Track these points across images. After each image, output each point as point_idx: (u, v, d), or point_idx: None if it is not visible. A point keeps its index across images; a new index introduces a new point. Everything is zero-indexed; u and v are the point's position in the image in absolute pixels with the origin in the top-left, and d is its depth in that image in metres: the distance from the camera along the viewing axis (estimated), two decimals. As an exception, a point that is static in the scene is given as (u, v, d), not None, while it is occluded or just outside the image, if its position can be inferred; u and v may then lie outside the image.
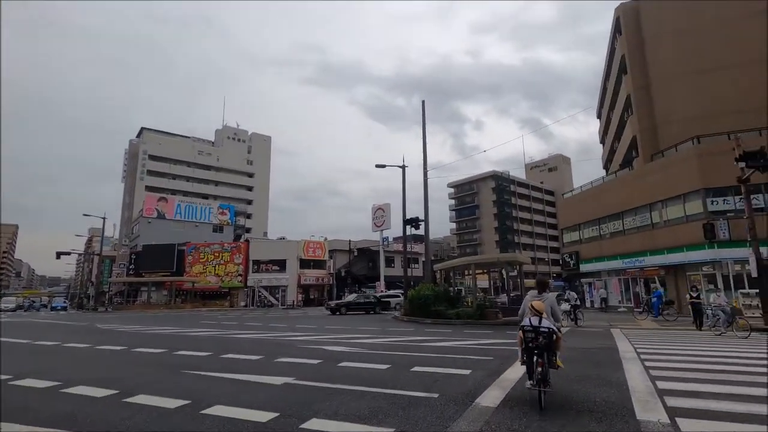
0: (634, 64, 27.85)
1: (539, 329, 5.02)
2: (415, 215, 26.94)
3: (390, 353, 9.16)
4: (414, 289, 23.01)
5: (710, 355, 8.50)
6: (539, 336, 5.01)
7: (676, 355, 8.52)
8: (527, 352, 5.10)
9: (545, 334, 5.01)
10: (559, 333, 5.25)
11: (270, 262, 47.36)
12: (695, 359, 8.02)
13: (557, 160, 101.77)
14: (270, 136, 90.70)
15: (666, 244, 24.17)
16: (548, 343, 5.01)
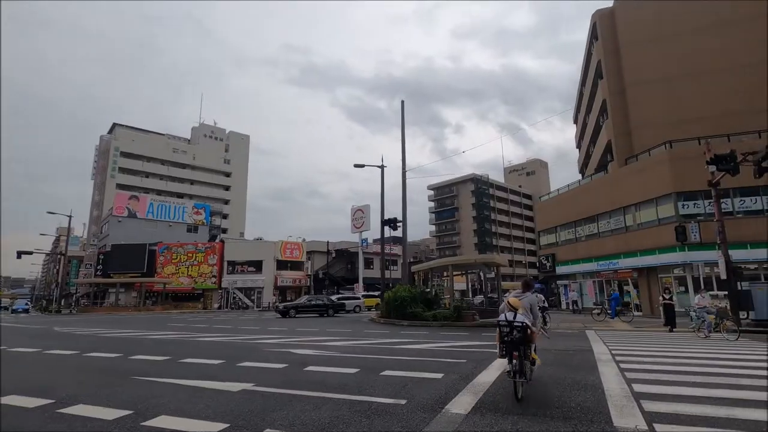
0: (609, 69, 28.33)
1: (513, 324, 5.28)
2: (394, 216, 26.65)
3: (361, 356, 8.77)
4: (390, 290, 22.69)
5: (685, 357, 8.42)
6: (513, 330, 5.26)
7: (651, 357, 8.41)
8: (505, 346, 5.34)
9: (519, 329, 5.25)
10: (533, 328, 5.50)
11: (246, 263, 46.30)
12: (670, 361, 7.92)
13: (535, 165, 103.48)
14: (248, 134, 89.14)
15: (639, 246, 24.56)
16: (522, 337, 5.25)
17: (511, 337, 5.26)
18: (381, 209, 26.91)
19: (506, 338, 5.30)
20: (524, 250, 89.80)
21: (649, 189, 24.12)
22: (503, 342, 5.35)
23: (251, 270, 46.01)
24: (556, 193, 35.52)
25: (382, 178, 27.21)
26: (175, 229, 55.62)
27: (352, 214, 52.58)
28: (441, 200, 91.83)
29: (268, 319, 25.40)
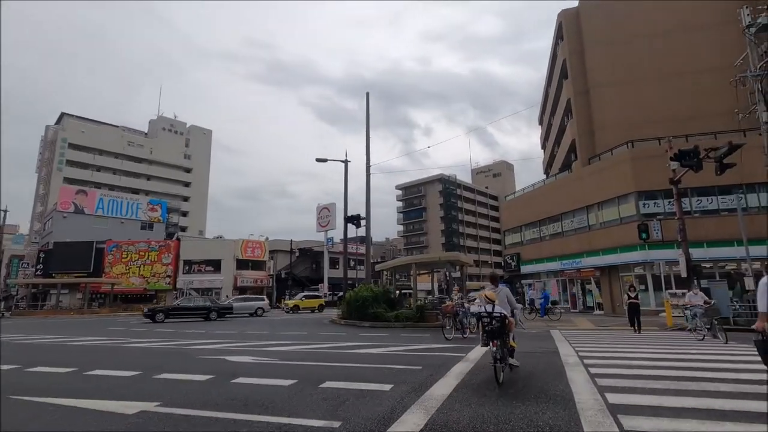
0: (574, 69, 28.46)
1: (492, 314, 5.84)
2: (361, 214, 25.64)
3: (304, 364, 7.72)
4: (352, 290, 21.68)
5: (656, 359, 7.86)
6: (493, 320, 5.82)
7: (620, 360, 7.80)
8: (486, 335, 5.90)
9: (498, 319, 5.82)
10: (510, 317, 6.12)
11: (203, 262, 43.99)
12: (641, 364, 7.31)
13: (501, 167, 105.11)
14: (211, 129, 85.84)
15: (601, 245, 24.67)
16: (501, 326, 5.82)
17: (491, 327, 5.83)
18: (344, 206, 25.89)
19: (487, 328, 5.88)
20: (490, 250, 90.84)
21: (611, 188, 24.26)
22: (485, 332, 5.93)
23: (209, 270, 43.75)
24: (521, 193, 35.58)
25: (346, 174, 26.23)
26: (128, 227, 52.30)
27: (318, 212, 51.16)
28: (409, 200, 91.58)
29: (221, 321, 23.80)
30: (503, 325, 5.84)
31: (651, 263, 22.05)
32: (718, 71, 23.62)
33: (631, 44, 26.86)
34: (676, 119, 24.38)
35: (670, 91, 25.19)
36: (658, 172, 22.22)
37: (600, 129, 26.97)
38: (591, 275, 26.07)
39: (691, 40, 25.53)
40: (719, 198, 21.94)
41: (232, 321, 23.43)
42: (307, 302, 34.79)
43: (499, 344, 5.76)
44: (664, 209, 22.06)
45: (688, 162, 12.98)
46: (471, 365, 7.26)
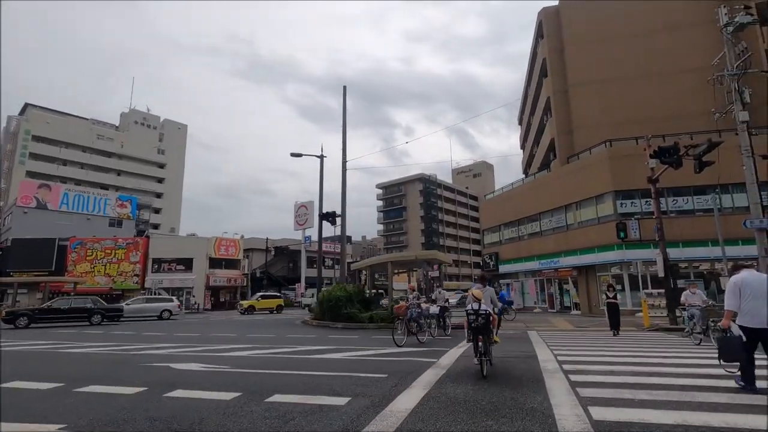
0: (554, 67, 28.32)
1: (479, 312, 6.32)
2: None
3: (258, 372, 6.91)
4: (325, 289, 20.89)
5: (638, 363, 7.36)
6: (479, 317, 6.31)
7: (602, 365, 7.27)
8: (472, 331, 6.36)
9: (483, 316, 6.32)
10: (494, 315, 6.82)
11: (174, 261, 42.28)
12: (624, 370, 6.79)
13: (481, 167, 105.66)
14: (186, 124, 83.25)
15: (579, 245, 24.53)
16: (486, 323, 6.33)
17: (477, 323, 6.30)
18: (319, 202, 25.06)
19: (473, 324, 6.34)
20: (470, 250, 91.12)
21: (589, 187, 24.14)
22: (470, 328, 6.41)
23: (180, 268, 42.07)
24: (500, 192, 35.38)
25: (321, 169, 25.44)
26: (95, 223, 50.02)
27: (296, 210, 49.97)
28: (389, 199, 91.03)
29: (188, 323, 22.63)
30: (488, 322, 6.38)
31: (628, 263, 21.97)
32: (697, 72, 23.70)
33: (611, 43, 26.86)
34: (655, 119, 24.41)
35: (649, 91, 25.24)
36: (636, 171, 22.16)
37: (579, 128, 26.88)
38: (568, 275, 25.94)
39: (671, 41, 25.66)
40: (695, 198, 22.03)
41: (191, 323, 22.28)
42: (263, 303, 33.19)
43: (484, 339, 6.30)
44: (641, 209, 22.02)
45: (668, 159, 12.70)
46: (442, 372, 6.60)
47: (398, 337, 10.42)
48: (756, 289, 5.02)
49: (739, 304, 5.09)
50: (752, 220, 15.41)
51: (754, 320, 4.96)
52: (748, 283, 5.10)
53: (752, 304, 4.98)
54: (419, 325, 11.20)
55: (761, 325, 4.90)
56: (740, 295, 5.09)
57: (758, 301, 4.96)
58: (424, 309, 11.74)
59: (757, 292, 5.00)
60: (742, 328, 5.07)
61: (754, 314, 4.96)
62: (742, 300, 5.06)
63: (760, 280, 5.10)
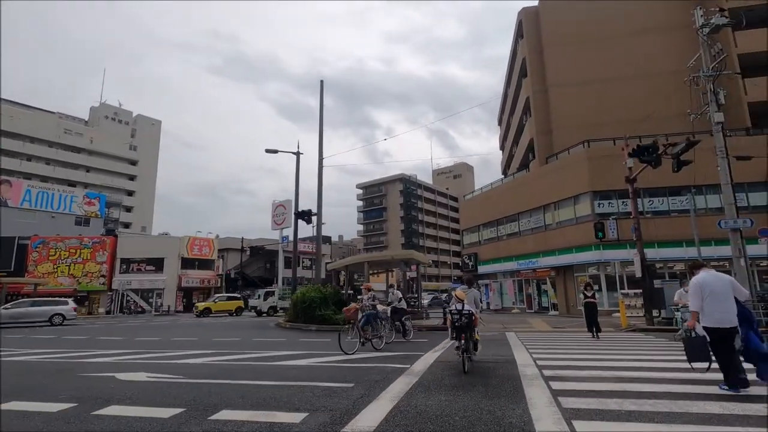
0: (533, 67, 28.30)
1: (462, 312, 6.75)
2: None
3: (210, 383, 6.23)
4: (299, 291, 20.17)
5: (623, 368, 6.99)
6: (462, 317, 6.72)
7: (584, 369, 6.87)
8: (456, 330, 6.76)
9: (466, 315, 6.74)
10: (477, 314, 7.15)
11: (144, 261, 40.63)
12: (606, 376, 6.39)
13: (462, 168, 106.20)
14: (160, 120, 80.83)
15: (557, 245, 24.49)
16: (468, 322, 6.73)
17: (460, 322, 6.70)
18: (295, 200, 24.31)
19: (456, 323, 6.73)
20: (449, 251, 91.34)
21: (567, 188, 24.12)
22: (454, 327, 6.79)
23: (150, 269, 40.46)
24: (479, 192, 35.25)
25: (297, 166, 24.71)
26: (61, 222, 47.66)
27: (273, 209, 48.75)
28: (369, 200, 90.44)
29: (156, 326, 21.52)
30: (470, 321, 6.81)
31: (605, 263, 22.01)
32: (673, 75, 23.99)
33: (590, 45, 26.99)
34: (632, 121, 24.50)
35: (627, 93, 25.43)
36: (613, 172, 22.20)
37: (558, 128, 26.91)
38: (547, 275, 25.89)
39: (648, 44, 25.93)
40: (670, 199, 22.23)
41: (157, 326, 21.20)
42: (221, 305, 31.83)
43: (466, 337, 6.74)
44: (618, 209, 22.09)
45: (646, 158, 12.55)
46: (414, 380, 6.07)
47: (348, 343, 9.21)
48: (716, 289, 5.08)
49: (701, 305, 5.12)
50: (726, 221, 15.49)
51: (715, 320, 5.01)
52: (708, 283, 5.14)
53: (713, 305, 5.04)
54: (375, 330, 10.05)
55: (722, 325, 4.97)
56: (702, 294, 5.12)
57: (718, 301, 5.03)
58: (381, 311, 10.69)
59: (717, 293, 5.06)
60: (705, 329, 5.10)
61: (715, 314, 5.02)
62: (704, 300, 5.09)
63: (720, 281, 5.15)
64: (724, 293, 5.06)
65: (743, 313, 5.26)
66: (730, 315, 5.01)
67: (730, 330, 5.00)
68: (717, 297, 5.05)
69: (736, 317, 5.03)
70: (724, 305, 5.02)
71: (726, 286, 5.11)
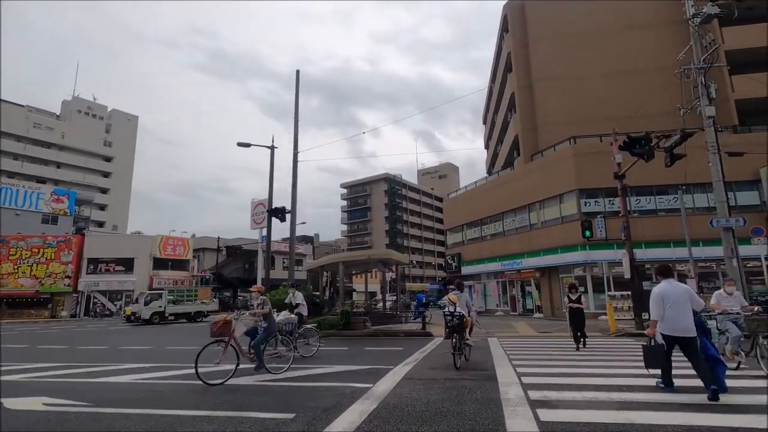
0: (518, 62, 27.50)
1: (454, 314, 7.71)
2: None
3: (116, 413, 4.96)
4: (268, 293, 18.87)
5: (623, 387, 5.95)
6: (454, 318, 7.69)
7: (575, 390, 5.80)
8: (449, 329, 7.75)
9: (458, 317, 7.70)
10: (467, 316, 8.05)
11: (113, 261, 38.62)
12: (607, 399, 5.33)
13: (447, 168, 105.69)
14: (136, 115, 78.06)
15: (542, 245, 23.67)
16: (460, 323, 7.69)
17: (453, 323, 7.67)
18: (269, 196, 23.04)
19: (449, 324, 7.73)
20: (434, 251, 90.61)
21: (553, 186, 23.34)
22: (448, 327, 7.77)
23: (119, 269, 38.49)
24: (464, 191, 34.36)
25: (272, 161, 23.46)
26: (26, 219, 45.10)
27: (252, 208, 47.04)
28: (354, 199, 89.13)
29: (116, 330, 19.93)
30: (462, 322, 7.52)
31: (592, 264, 21.25)
32: (662, 71, 23.41)
33: (576, 40, 26.30)
34: (618, 118, 23.77)
35: (614, 89, 24.77)
36: (600, 169, 21.45)
37: (543, 125, 26.12)
38: (531, 276, 25.07)
39: (635, 40, 25.34)
40: (657, 198, 21.59)
41: (114, 331, 19.64)
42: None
43: (458, 337, 7.43)
44: (604, 208, 21.34)
45: (638, 150, 11.66)
46: (372, 407, 4.92)
47: (211, 370, 6.57)
48: (675, 299, 5.30)
49: (662, 313, 5.33)
50: (719, 220, 14.76)
51: (672, 328, 5.27)
52: (669, 293, 5.37)
53: (671, 313, 5.28)
54: (274, 347, 7.81)
55: (678, 333, 5.23)
56: (663, 304, 5.34)
57: (676, 310, 5.26)
58: (284, 320, 8.67)
59: (675, 302, 5.28)
60: (663, 336, 5.34)
61: (672, 322, 5.26)
62: (665, 309, 5.31)
63: (679, 291, 5.37)
64: (683, 303, 5.27)
65: (697, 323, 5.46)
66: (688, 324, 5.23)
67: (690, 339, 5.21)
68: (675, 307, 5.26)
69: (694, 327, 5.25)
70: (682, 315, 5.25)
71: (684, 296, 5.32)
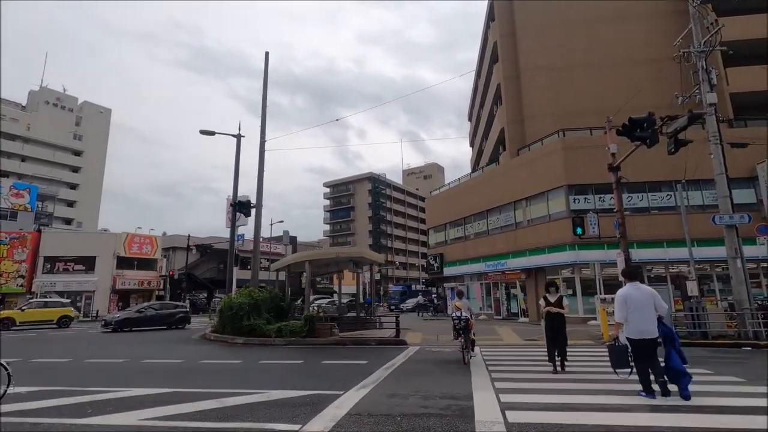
0: (505, 52, 26.11)
1: (461, 318, 8.86)
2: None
3: None
4: (227, 295, 17.04)
5: (641, 428, 4.33)
6: (461, 321, 8.83)
7: (573, 427, 4.16)
8: (456, 331, 8.94)
9: (464, 320, 8.84)
10: (471, 319, 9.04)
11: (72, 259, 35.98)
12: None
13: (432, 168, 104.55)
14: (110, 108, 74.72)
15: (528, 245, 22.25)
16: (466, 326, 8.80)
17: (460, 326, 8.82)
18: (234, 189, 21.18)
19: (457, 326, 8.88)
20: (418, 252, 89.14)
21: (540, 181, 21.94)
22: (456, 329, 8.94)
23: (79, 269, 35.86)
24: (447, 188, 32.86)
25: (238, 151, 21.64)
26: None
27: (228, 206, 44.99)
28: (337, 199, 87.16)
29: (67, 336, 17.70)
30: (467, 325, 8.83)
31: (581, 265, 19.87)
32: (654, 63, 22.31)
33: (566, 29, 25.01)
34: (609, 111, 22.54)
35: (604, 81, 23.50)
36: (591, 164, 20.13)
37: (530, 117, 24.74)
38: (516, 278, 23.62)
39: (627, 31, 24.17)
40: (649, 195, 20.34)
41: (60, 338, 17.46)
42: (32, 314, 22.73)
43: (465, 336, 8.73)
44: (594, 205, 19.98)
45: (640, 134, 10.18)
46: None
47: None
48: (639, 303, 5.37)
49: (626, 316, 5.41)
50: (721, 216, 13.46)
51: (637, 330, 5.34)
52: (633, 297, 5.43)
53: (635, 317, 5.36)
54: None
55: (644, 336, 5.31)
56: (627, 307, 5.41)
57: (640, 313, 5.34)
58: None
59: (640, 306, 5.35)
60: (629, 339, 5.44)
61: (637, 326, 5.34)
62: (629, 312, 5.39)
63: (644, 295, 5.44)
64: (647, 306, 5.36)
65: (666, 333, 5.54)
66: (651, 327, 5.33)
67: (652, 341, 5.34)
68: (640, 310, 5.34)
69: (656, 328, 5.35)
70: (646, 318, 5.33)
71: (648, 299, 5.40)
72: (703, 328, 12.51)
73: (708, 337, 12.33)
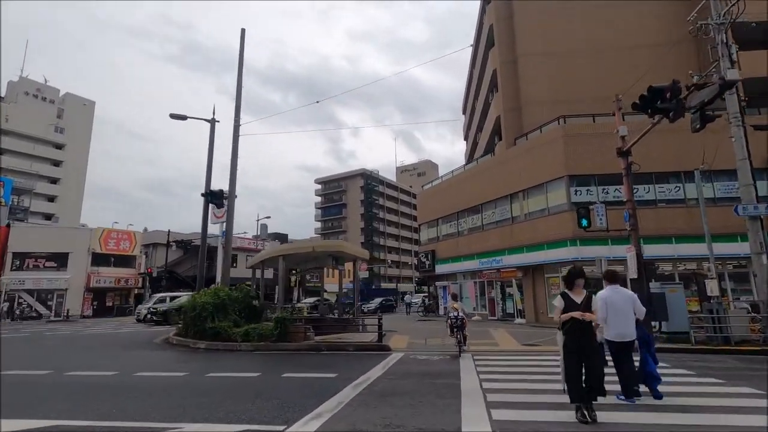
0: (501, 34, 24.54)
1: (458, 317, 10.04)
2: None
3: None
4: (192, 295, 15.37)
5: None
6: (457, 320, 10.00)
7: None
8: (452, 329, 10.08)
9: (460, 320, 10.05)
10: (466, 318, 10.34)
11: (44, 256, 34.01)
12: None
13: (426, 166, 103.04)
14: (94, 101, 72.37)
15: (525, 240, 20.73)
16: (461, 324, 10.03)
17: (457, 324, 9.96)
18: (207, 178, 19.44)
19: (454, 325, 10.00)
20: (411, 251, 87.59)
21: (539, 172, 20.41)
22: (452, 327, 10.08)
23: (51, 266, 33.91)
24: (440, 181, 31.30)
25: (212, 135, 20.05)
26: (-50, 209, 39.91)
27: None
28: (328, 195, 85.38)
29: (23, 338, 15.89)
30: (463, 324, 10.01)
31: (584, 262, 18.33)
32: (657, 48, 20.86)
33: (565, 12, 23.48)
34: (610, 98, 21.13)
35: (606, 66, 21.98)
36: (593, 154, 18.69)
37: (528, 105, 23.20)
38: (512, 276, 22.10)
39: (629, 14, 22.68)
40: (656, 187, 18.88)
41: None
42: None
43: (460, 334, 9.93)
44: (597, 197, 18.47)
45: (663, 105, 8.63)
46: None
47: None
48: (618, 306, 5.32)
49: (605, 318, 5.26)
50: (745, 206, 11.96)
51: (617, 334, 5.30)
52: (613, 300, 5.35)
53: (614, 320, 5.29)
54: None
55: (623, 339, 5.30)
56: (606, 310, 5.27)
57: (620, 316, 5.29)
58: None
59: (620, 309, 5.31)
60: (608, 341, 5.35)
61: (617, 328, 5.29)
62: (608, 315, 5.28)
63: (623, 298, 5.39)
64: (626, 309, 5.33)
65: (642, 337, 5.65)
66: (629, 329, 5.33)
67: (629, 343, 5.35)
68: (619, 312, 5.30)
69: (634, 331, 5.37)
70: (625, 320, 5.31)
71: (627, 302, 5.37)
72: (725, 332, 11.05)
73: (731, 343, 10.87)
